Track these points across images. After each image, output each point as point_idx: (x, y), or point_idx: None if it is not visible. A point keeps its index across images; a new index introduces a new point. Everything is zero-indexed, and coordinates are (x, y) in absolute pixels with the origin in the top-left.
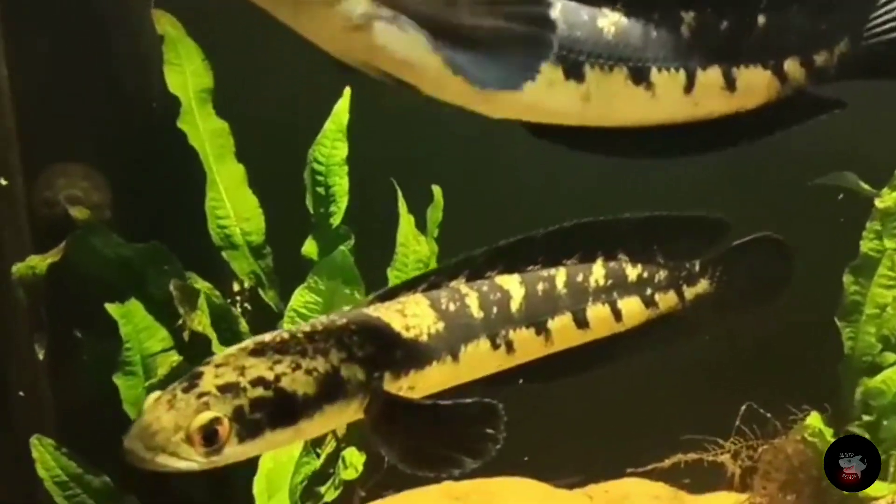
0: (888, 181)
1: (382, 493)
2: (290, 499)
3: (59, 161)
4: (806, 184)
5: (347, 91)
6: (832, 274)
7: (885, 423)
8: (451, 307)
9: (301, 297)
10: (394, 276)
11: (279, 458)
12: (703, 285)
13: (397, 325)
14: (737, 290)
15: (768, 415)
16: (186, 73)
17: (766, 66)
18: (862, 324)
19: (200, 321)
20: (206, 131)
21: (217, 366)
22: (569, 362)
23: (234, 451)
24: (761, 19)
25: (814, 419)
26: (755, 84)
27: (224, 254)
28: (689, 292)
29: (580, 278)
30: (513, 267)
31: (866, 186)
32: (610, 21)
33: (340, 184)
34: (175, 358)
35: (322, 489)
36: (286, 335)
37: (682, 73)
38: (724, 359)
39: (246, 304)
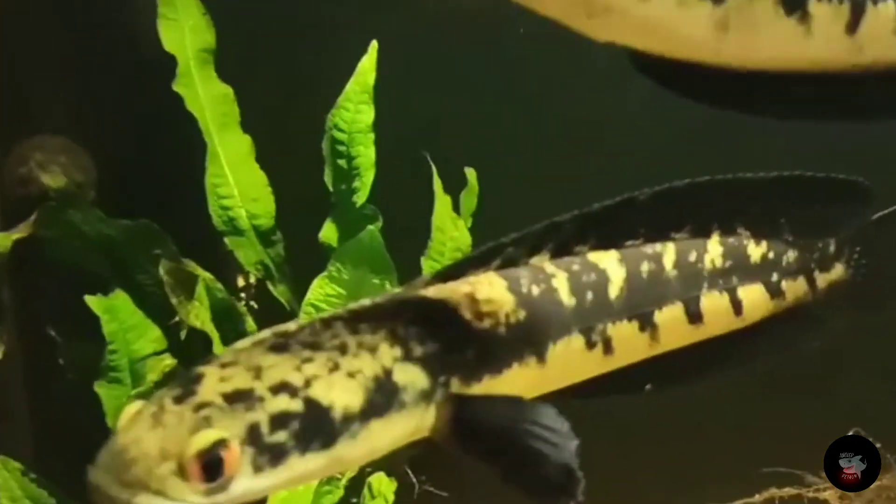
0: None
1: None
2: None
3: (35, 134)
4: None
5: (374, 45)
6: None
7: None
8: (535, 291)
9: (320, 289)
10: (428, 266)
11: (293, 487)
12: (838, 271)
13: (467, 313)
14: (876, 278)
15: (878, 445)
16: (184, 29)
17: None
18: None
19: (198, 314)
20: (206, 96)
21: (223, 366)
22: (666, 369)
23: (246, 487)
24: None
25: None
26: None
27: (227, 240)
28: (822, 279)
29: (693, 258)
30: (609, 240)
31: None
32: None
33: (366, 154)
34: (169, 362)
35: None
36: (318, 324)
37: (846, 5)
38: (828, 373)
39: (252, 302)
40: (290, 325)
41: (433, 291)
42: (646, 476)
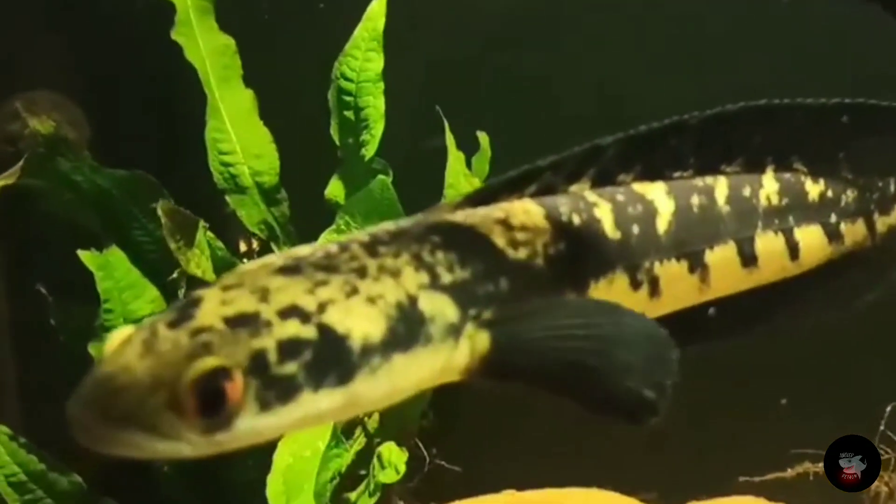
0: None
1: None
2: (316, 502)
3: (24, 90)
4: None
5: None
6: None
7: None
8: (576, 221)
9: (305, 251)
10: None
11: (300, 453)
12: None
13: (501, 240)
14: None
15: None
16: None
17: None
18: None
19: (199, 263)
20: (207, 47)
21: (225, 288)
22: (727, 319)
23: (250, 425)
24: None
25: None
26: None
27: (229, 198)
28: (882, 223)
29: (747, 193)
30: (656, 170)
31: None
32: None
33: (375, 105)
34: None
35: (353, 495)
36: (334, 247)
37: None
38: (864, 353)
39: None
40: (303, 249)
41: (462, 216)
42: (678, 449)
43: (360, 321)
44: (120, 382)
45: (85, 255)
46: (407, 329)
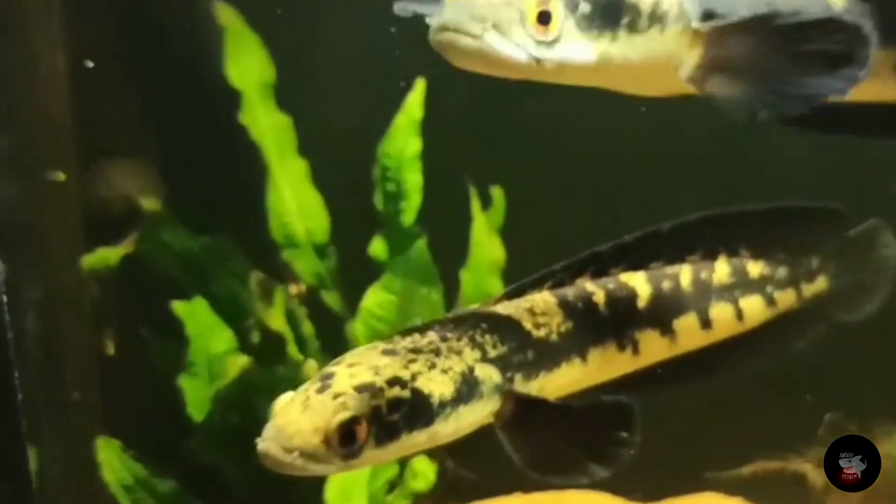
0: None
1: None
2: None
3: (114, 157)
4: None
5: (421, 84)
6: None
7: None
8: (579, 306)
9: (375, 297)
10: (467, 278)
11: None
12: (821, 282)
13: (528, 324)
14: (852, 287)
15: (852, 427)
16: (248, 67)
17: None
18: None
19: (277, 318)
20: (268, 126)
21: (350, 366)
22: (689, 368)
23: (371, 455)
24: None
25: None
26: None
27: (285, 253)
28: (808, 290)
29: (704, 276)
30: (637, 263)
31: None
32: None
33: (412, 180)
34: (244, 359)
35: (390, 498)
36: (417, 334)
37: None
38: (807, 366)
39: (304, 308)
40: (396, 336)
41: (501, 308)
42: (644, 450)
43: (438, 386)
44: (291, 430)
45: (176, 305)
46: (468, 389)
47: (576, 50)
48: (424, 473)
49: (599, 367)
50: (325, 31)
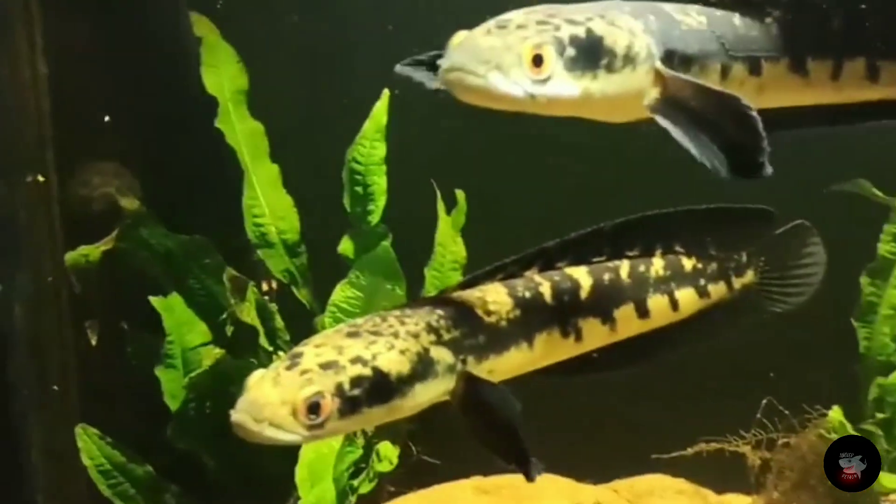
0: None
1: (408, 490)
2: (335, 487)
3: (95, 160)
4: (823, 191)
5: (386, 93)
6: (851, 276)
7: None
8: (527, 295)
9: (342, 293)
10: (431, 276)
11: (320, 450)
12: (749, 275)
13: (480, 311)
14: (778, 279)
15: (786, 411)
16: (223, 75)
17: None
18: (878, 324)
19: (248, 312)
20: (242, 132)
21: (316, 346)
22: (628, 353)
23: (334, 426)
24: None
25: (835, 413)
26: None
27: (259, 251)
28: (738, 282)
29: (642, 269)
30: (581, 258)
31: (879, 193)
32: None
33: (379, 183)
34: (218, 351)
35: (356, 482)
36: (378, 318)
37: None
38: (743, 357)
39: (273, 304)
40: (359, 321)
41: (456, 296)
42: (595, 436)
43: (396, 364)
44: (262, 401)
45: (154, 300)
46: (423, 369)
47: (563, 87)
48: (388, 457)
49: (545, 352)
50: (297, 43)
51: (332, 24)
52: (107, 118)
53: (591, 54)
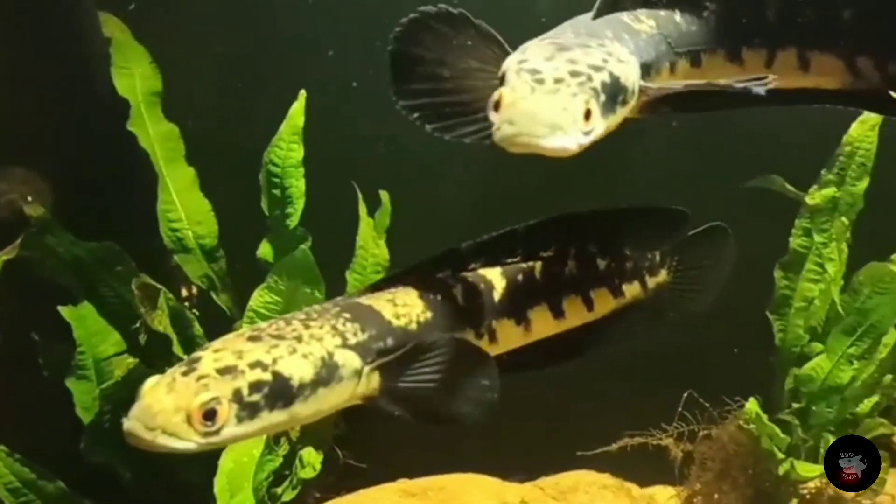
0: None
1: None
2: (255, 496)
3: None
4: (738, 186)
5: (303, 94)
6: (765, 270)
7: (814, 408)
8: (439, 297)
9: (261, 298)
10: (352, 279)
11: (239, 459)
12: (662, 275)
13: (388, 314)
14: (690, 279)
15: (707, 404)
16: (135, 77)
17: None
18: (791, 317)
19: (161, 321)
20: (155, 134)
21: (215, 350)
22: (544, 354)
23: (231, 433)
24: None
25: (751, 405)
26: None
27: (176, 257)
28: (651, 282)
29: (556, 270)
30: (495, 260)
31: (791, 188)
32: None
33: (297, 185)
34: (131, 360)
35: (279, 490)
36: (282, 322)
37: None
38: (664, 350)
39: (194, 310)
40: (262, 324)
41: (364, 299)
42: (520, 435)
43: (298, 369)
44: (155, 408)
45: (63, 310)
46: (327, 373)
47: (598, 130)
48: (312, 463)
49: None
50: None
51: (249, 24)
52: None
53: (614, 96)
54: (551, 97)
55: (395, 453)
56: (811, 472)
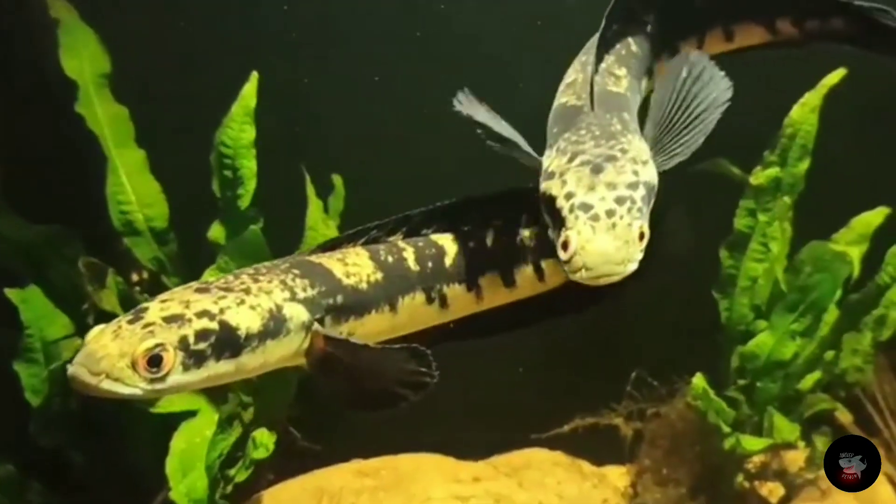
0: (758, 162)
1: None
2: (207, 475)
3: None
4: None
5: (255, 75)
6: (711, 250)
7: (758, 384)
8: (390, 259)
9: (211, 279)
10: None
11: (191, 439)
12: None
13: (338, 272)
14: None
15: (655, 382)
16: (83, 58)
17: None
18: (736, 296)
19: (109, 300)
20: (104, 116)
21: (162, 301)
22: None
23: (177, 380)
24: None
25: (698, 380)
26: None
27: (126, 240)
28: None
29: (509, 238)
30: (447, 226)
31: (737, 171)
32: None
33: (248, 166)
34: (80, 342)
35: (232, 471)
36: (230, 276)
37: None
38: (613, 332)
39: (145, 295)
40: (210, 278)
41: (315, 257)
42: (474, 418)
43: (245, 319)
44: (100, 354)
45: (10, 292)
46: (275, 325)
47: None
48: (265, 444)
49: (409, 317)
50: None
51: (199, 4)
52: None
53: (649, 201)
54: (612, 234)
55: (349, 435)
56: (756, 446)
